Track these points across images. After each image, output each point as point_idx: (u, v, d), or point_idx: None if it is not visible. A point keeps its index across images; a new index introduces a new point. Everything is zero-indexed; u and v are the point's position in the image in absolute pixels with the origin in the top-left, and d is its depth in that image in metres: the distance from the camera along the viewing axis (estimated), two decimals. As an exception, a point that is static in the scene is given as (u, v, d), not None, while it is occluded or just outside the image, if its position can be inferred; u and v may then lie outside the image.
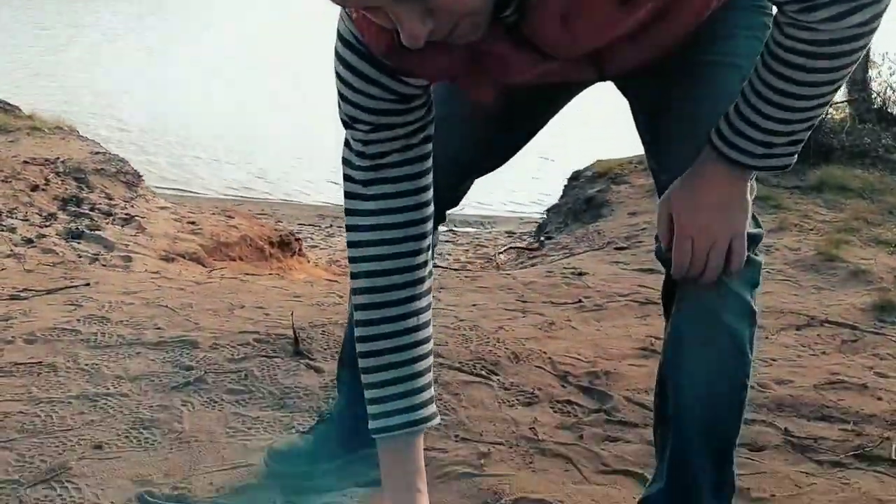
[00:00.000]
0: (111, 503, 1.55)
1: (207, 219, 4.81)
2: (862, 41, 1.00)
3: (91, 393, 2.01)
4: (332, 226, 7.47)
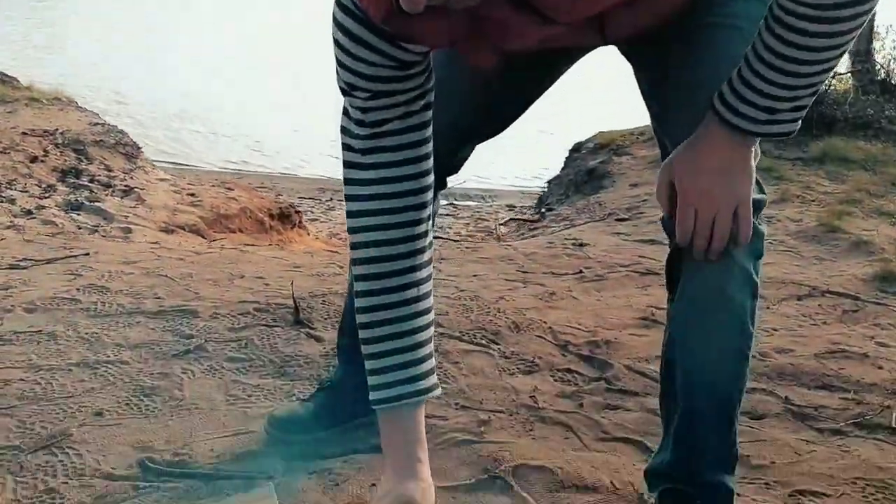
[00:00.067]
0: (112, 469, 1.54)
1: (207, 191, 4.79)
2: (866, 5, 0.98)
3: (91, 361, 2.01)
4: (333, 199, 7.45)
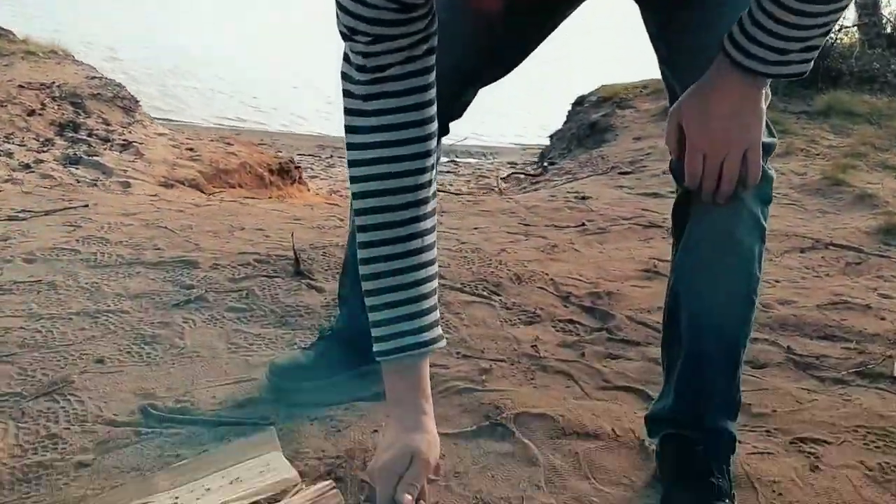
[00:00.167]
0: (114, 415, 1.54)
1: (206, 146, 4.76)
2: None
3: (91, 310, 2.00)
4: (333, 156, 7.41)
